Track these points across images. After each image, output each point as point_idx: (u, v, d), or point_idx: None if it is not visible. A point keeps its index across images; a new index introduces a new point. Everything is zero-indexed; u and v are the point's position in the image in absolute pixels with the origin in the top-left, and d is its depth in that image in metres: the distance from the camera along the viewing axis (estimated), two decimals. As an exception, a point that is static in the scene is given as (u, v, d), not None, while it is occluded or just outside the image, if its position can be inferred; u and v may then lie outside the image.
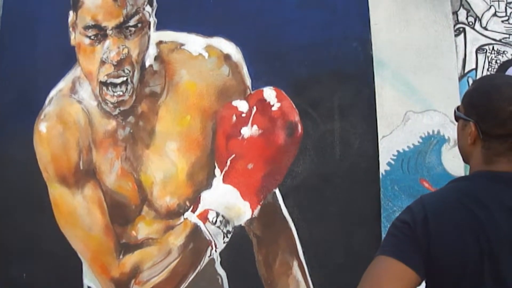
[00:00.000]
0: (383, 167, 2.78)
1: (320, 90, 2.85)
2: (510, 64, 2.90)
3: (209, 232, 2.84)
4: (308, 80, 2.86)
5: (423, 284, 1.31)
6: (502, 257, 1.23)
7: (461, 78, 2.88)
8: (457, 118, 1.44)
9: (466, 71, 2.89)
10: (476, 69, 2.90)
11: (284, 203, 2.85)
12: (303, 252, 2.82)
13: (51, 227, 2.96)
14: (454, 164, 2.78)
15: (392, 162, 2.79)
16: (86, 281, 2.98)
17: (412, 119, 2.80)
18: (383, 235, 2.76)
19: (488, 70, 2.90)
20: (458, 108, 1.43)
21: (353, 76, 2.85)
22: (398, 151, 2.79)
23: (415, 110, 2.80)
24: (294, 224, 2.83)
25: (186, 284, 2.89)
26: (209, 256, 2.87)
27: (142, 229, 2.94)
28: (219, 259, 2.87)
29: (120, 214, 2.96)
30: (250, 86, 2.91)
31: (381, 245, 1.33)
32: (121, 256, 2.94)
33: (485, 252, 1.24)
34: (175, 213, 2.91)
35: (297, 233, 2.83)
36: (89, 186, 2.96)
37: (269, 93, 2.88)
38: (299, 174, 2.85)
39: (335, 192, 2.81)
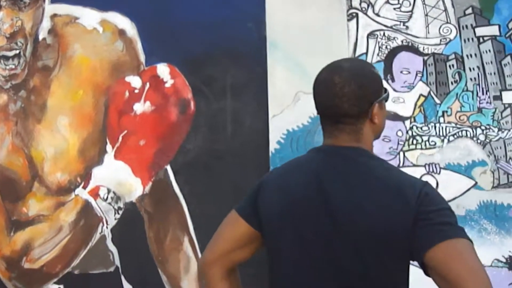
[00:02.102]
0: (273, 146, 2.84)
1: (213, 69, 2.88)
2: (399, 50, 3.02)
3: (100, 209, 2.83)
4: (202, 58, 2.87)
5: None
6: (299, 218, 1.35)
7: (352, 61, 2.97)
8: None
9: (356, 55, 2.98)
10: (366, 53, 3.00)
11: (176, 179, 2.86)
12: (194, 228, 2.85)
13: None
14: (342, 144, 2.87)
15: (282, 140, 2.85)
16: (-24, 259, 2.91)
17: (302, 100, 2.87)
18: (272, 212, 2.83)
19: (378, 55, 3.00)
20: None
21: (247, 56, 2.88)
22: (288, 130, 2.86)
23: (306, 91, 2.86)
24: (185, 200, 2.86)
25: (78, 261, 2.87)
26: (100, 233, 2.86)
27: (33, 206, 2.89)
28: (110, 235, 2.86)
29: (11, 190, 2.89)
30: (144, 62, 2.90)
31: None
32: (12, 234, 2.88)
33: (286, 213, 1.37)
34: (66, 189, 2.87)
35: (188, 209, 2.85)
36: (-21, 161, 2.88)
37: (163, 70, 2.88)
38: (191, 151, 2.87)
39: (226, 169, 2.85)
